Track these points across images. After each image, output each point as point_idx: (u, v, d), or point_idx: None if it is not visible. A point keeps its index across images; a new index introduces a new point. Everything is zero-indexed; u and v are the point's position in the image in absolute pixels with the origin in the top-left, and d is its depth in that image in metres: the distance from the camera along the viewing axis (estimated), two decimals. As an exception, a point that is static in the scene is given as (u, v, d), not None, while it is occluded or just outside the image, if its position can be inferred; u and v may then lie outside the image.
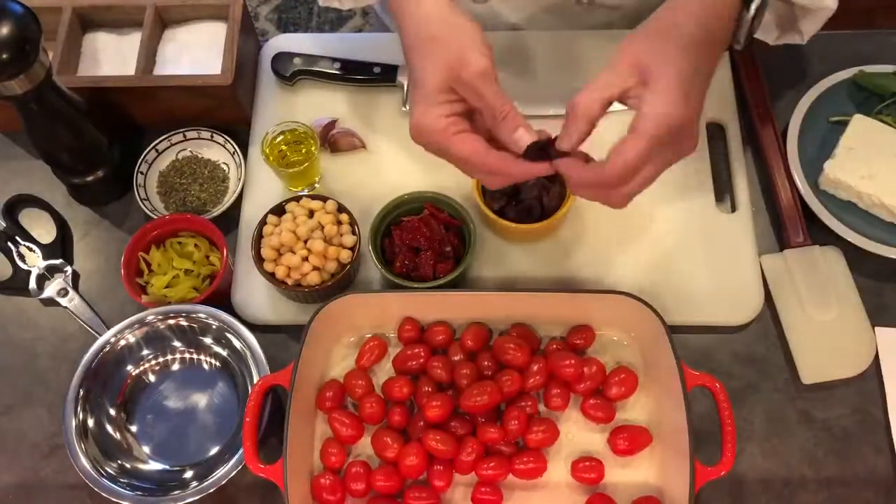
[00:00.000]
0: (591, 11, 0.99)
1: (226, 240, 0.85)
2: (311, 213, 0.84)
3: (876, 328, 0.83)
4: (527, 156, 0.67)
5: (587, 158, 0.68)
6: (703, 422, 0.79)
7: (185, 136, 0.94)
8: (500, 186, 0.71)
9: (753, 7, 0.68)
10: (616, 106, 0.67)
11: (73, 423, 0.78)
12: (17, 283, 0.89)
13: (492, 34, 0.98)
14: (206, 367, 0.85)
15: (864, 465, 0.79)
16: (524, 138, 0.67)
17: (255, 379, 0.78)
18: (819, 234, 0.87)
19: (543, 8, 0.99)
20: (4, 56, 0.74)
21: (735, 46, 0.72)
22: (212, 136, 0.94)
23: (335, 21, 2.16)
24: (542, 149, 0.67)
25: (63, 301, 0.88)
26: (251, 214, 0.90)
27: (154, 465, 0.80)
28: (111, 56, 0.96)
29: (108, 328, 0.83)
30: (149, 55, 0.94)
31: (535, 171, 0.68)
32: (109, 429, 0.81)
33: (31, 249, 0.90)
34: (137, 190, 0.91)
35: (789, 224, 0.87)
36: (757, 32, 0.72)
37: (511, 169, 0.68)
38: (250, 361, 0.80)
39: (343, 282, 0.83)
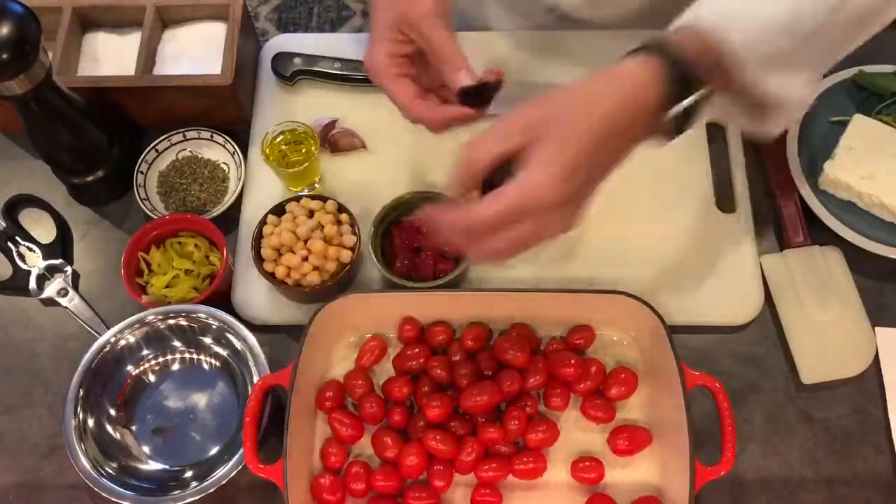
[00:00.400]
0: (570, 23, 0.98)
1: (226, 240, 0.85)
2: (311, 213, 0.84)
3: (876, 328, 0.83)
4: (462, 101, 0.71)
5: None
6: (703, 422, 0.78)
7: (185, 136, 0.94)
8: (434, 132, 0.74)
9: (674, 111, 0.61)
10: None
11: (73, 423, 0.78)
12: (17, 283, 0.89)
13: (492, 34, 0.99)
14: (206, 367, 0.85)
15: (864, 465, 0.79)
16: (464, 80, 0.70)
17: (255, 379, 0.78)
18: (819, 234, 0.86)
19: (525, 17, 0.99)
20: (4, 56, 0.74)
21: (658, 143, 0.65)
22: (212, 136, 0.94)
23: (335, 21, 2.15)
24: (478, 94, 0.71)
25: (63, 301, 0.88)
26: (251, 214, 0.90)
27: (154, 465, 0.80)
28: (111, 56, 0.96)
29: (108, 328, 0.83)
30: (149, 55, 0.94)
31: (458, 115, 0.72)
32: (109, 429, 0.81)
33: (31, 249, 0.90)
34: (137, 190, 0.91)
35: (789, 224, 0.87)
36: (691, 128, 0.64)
37: (432, 113, 0.72)
38: (250, 361, 0.80)
39: (343, 282, 0.83)
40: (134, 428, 0.82)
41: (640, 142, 0.63)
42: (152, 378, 0.84)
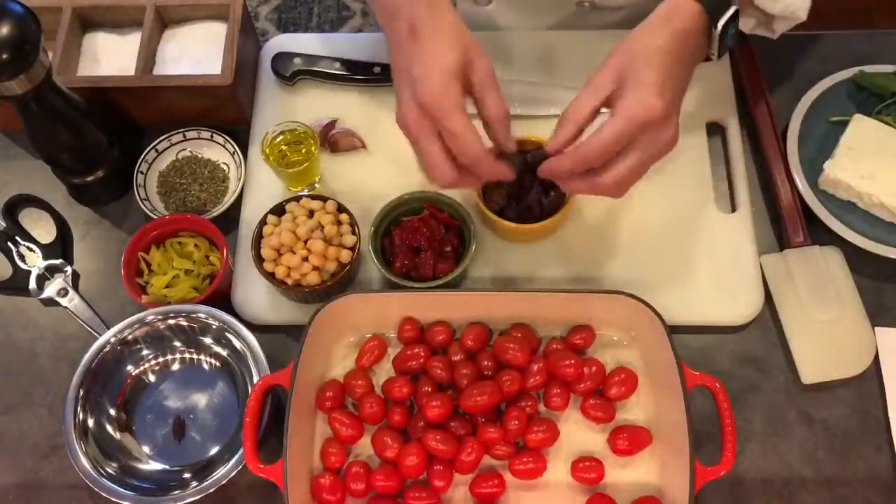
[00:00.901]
0: (592, 13, 0.99)
1: (226, 240, 0.85)
2: (311, 213, 0.84)
3: (876, 328, 0.83)
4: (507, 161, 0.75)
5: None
6: (703, 422, 0.79)
7: (185, 136, 0.94)
8: (446, 186, 0.73)
9: (720, 25, 0.73)
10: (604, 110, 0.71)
11: (73, 423, 0.78)
12: (17, 283, 0.89)
13: (493, 35, 0.99)
14: (206, 367, 0.85)
15: (864, 465, 0.79)
16: (514, 142, 0.75)
17: (255, 379, 0.78)
18: (819, 234, 0.87)
19: (545, 10, 0.99)
20: (4, 56, 0.74)
21: (711, 57, 0.76)
22: (212, 136, 0.94)
23: (335, 21, 2.16)
24: (512, 161, 0.75)
25: (63, 301, 0.88)
26: (251, 214, 0.90)
27: (154, 465, 0.80)
28: (111, 56, 0.96)
29: (108, 328, 0.83)
30: (149, 55, 0.94)
31: (506, 173, 0.74)
32: (109, 429, 0.81)
33: (31, 249, 0.90)
34: (137, 190, 0.91)
35: (789, 224, 0.87)
36: (731, 43, 0.76)
37: (491, 164, 0.72)
38: (250, 361, 0.80)
39: (343, 282, 0.83)
40: (134, 428, 0.82)
41: (698, 60, 0.75)
42: (152, 378, 0.84)
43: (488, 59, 0.72)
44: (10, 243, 0.90)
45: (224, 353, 0.84)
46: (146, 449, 0.81)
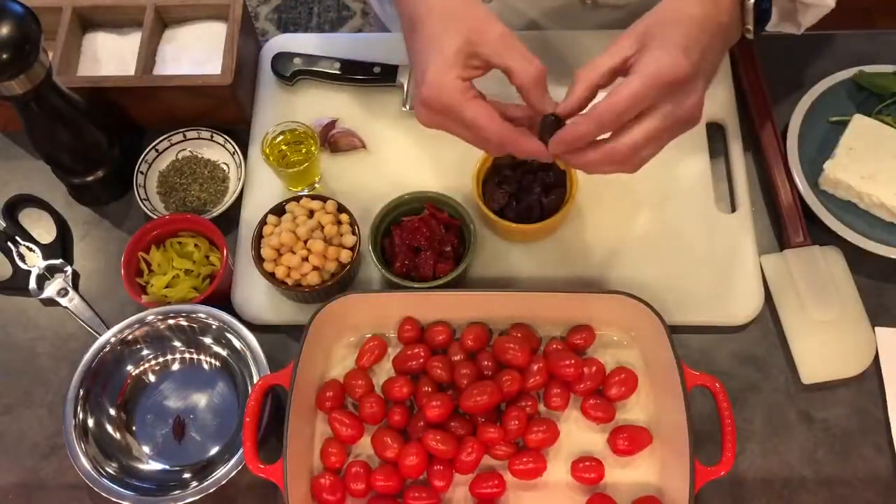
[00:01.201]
0: (595, 11, 0.99)
1: (226, 240, 0.85)
2: (311, 213, 0.84)
3: (876, 328, 0.83)
4: (541, 127, 0.68)
5: None
6: (703, 422, 0.79)
7: (185, 136, 0.94)
8: (500, 154, 0.71)
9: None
10: None
11: (73, 423, 0.78)
12: (17, 283, 0.89)
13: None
14: (206, 367, 0.85)
15: (864, 465, 0.79)
16: (549, 105, 0.67)
17: (255, 379, 0.78)
18: (819, 234, 0.87)
19: (547, 8, 0.99)
20: (4, 56, 0.74)
21: (747, 35, 0.73)
22: (212, 136, 0.94)
23: (335, 21, 2.16)
24: (555, 126, 0.67)
25: (63, 301, 0.88)
26: (251, 214, 0.90)
27: (154, 465, 0.80)
28: (111, 56, 0.96)
29: (108, 328, 0.83)
30: (149, 55, 0.94)
31: (541, 152, 0.67)
32: (109, 429, 0.81)
33: (31, 249, 0.90)
34: (137, 190, 0.91)
35: (789, 224, 0.87)
36: (767, 25, 0.74)
37: (521, 143, 0.67)
38: (250, 361, 0.80)
39: (343, 282, 0.83)
40: (134, 428, 0.82)
41: (731, 38, 0.71)
42: (152, 378, 0.84)
43: (500, 26, 0.67)
44: (10, 243, 0.90)
45: (224, 353, 0.84)
46: (146, 449, 0.81)
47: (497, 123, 0.67)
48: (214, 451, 0.81)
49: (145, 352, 0.84)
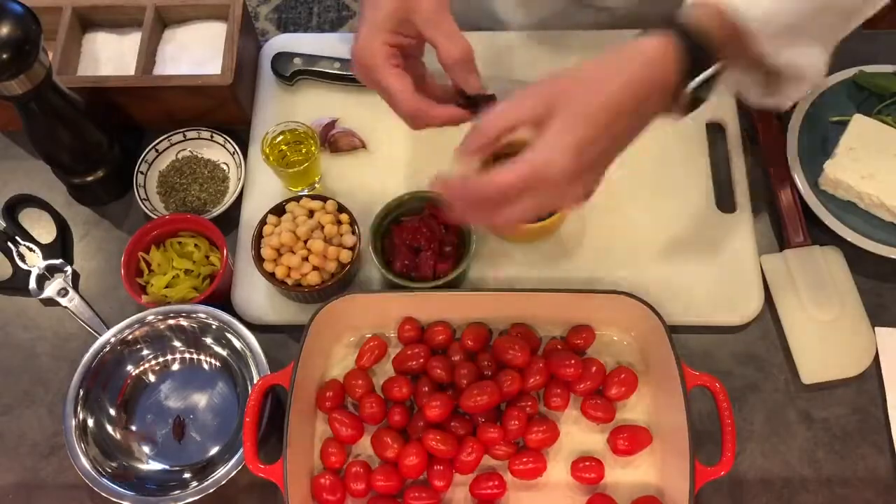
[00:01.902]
0: (591, 13, 0.99)
1: (226, 240, 0.85)
2: (311, 213, 0.84)
3: (876, 328, 0.83)
4: (459, 102, 0.70)
5: None
6: (703, 422, 0.79)
7: (185, 136, 0.94)
8: (418, 129, 0.72)
9: (694, 83, 0.63)
10: None
11: (73, 423, 0.78)
12: (17, 283, 0.89)
13: (491, 35, 0.99)
14: (206, 367, 0.85)
15: (864, 465, 0.79)
16: (474, 85, 0.70)
17: (255, 379, 0.78)
18: (819, 234, 0.87)
19: (546, 9, 0.99)
20: (4, 56, 0.74)
21: (673, 118, 0.66)
22: (212, 136, 0.94)
23: (335, 21, 2.16)
24: (476, 102, 0.70)
25: (63, 301, 0.88)
26: (251, 214, 0.90)
27: (154, 465, 0.80)
28: (111, 56, 0.96)
29: (108, 328, 0.83)
30: (149, 55, 0.94)
31: (455, 117, 0.70)
32: (109, 429, 0.81)
33: (31, 249, 0.90)
34: (137, 190, 0.91)
35: (789, 224, 0.87)
36: (707, 101, 0.66)
37: (431, 112, 0.69)
38: (250, 361, 0.80)
39: (343, 282, 0.83)
40: (134, 428, 0.82)
41: (655, 118, 0.64)
42: (152, 378, 0.84)
43: (436, 1, 0.68)
44: (10, 243, 0.90)
45: (224, 353, 0.84)
46: (146, 449, 0.81)
47: (408, 95, 0.68)
48: (214, 451, 0.81)
49: (145, 352, 0.84)
